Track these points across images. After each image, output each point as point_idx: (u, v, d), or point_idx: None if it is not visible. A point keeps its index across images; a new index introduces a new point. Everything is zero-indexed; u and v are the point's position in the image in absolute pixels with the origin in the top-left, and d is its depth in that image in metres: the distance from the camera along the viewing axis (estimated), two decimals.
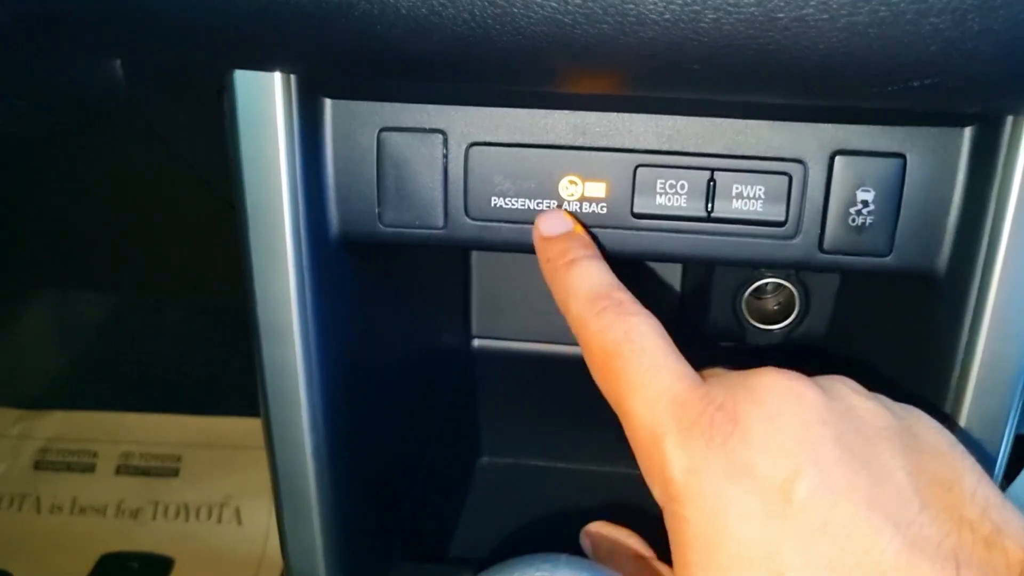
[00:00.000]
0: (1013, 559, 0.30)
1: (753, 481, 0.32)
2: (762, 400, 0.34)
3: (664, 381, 0.35)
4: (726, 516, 0.32)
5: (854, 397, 0.35)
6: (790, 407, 0.34)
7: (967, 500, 0.32)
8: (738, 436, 0.33)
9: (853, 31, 0.32)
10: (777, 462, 0.32)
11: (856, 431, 0.34)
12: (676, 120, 0.42)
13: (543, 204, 0.44)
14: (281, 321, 0.44)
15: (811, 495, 0.31)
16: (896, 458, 0.33)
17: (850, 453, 0.32)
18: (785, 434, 0.33)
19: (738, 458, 0.32)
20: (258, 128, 0.42)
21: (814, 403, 0.34)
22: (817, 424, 0.33)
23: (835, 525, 0.31)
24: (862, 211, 0.42)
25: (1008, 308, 0.40)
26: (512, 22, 0.34)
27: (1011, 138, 0.38)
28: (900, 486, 0.32)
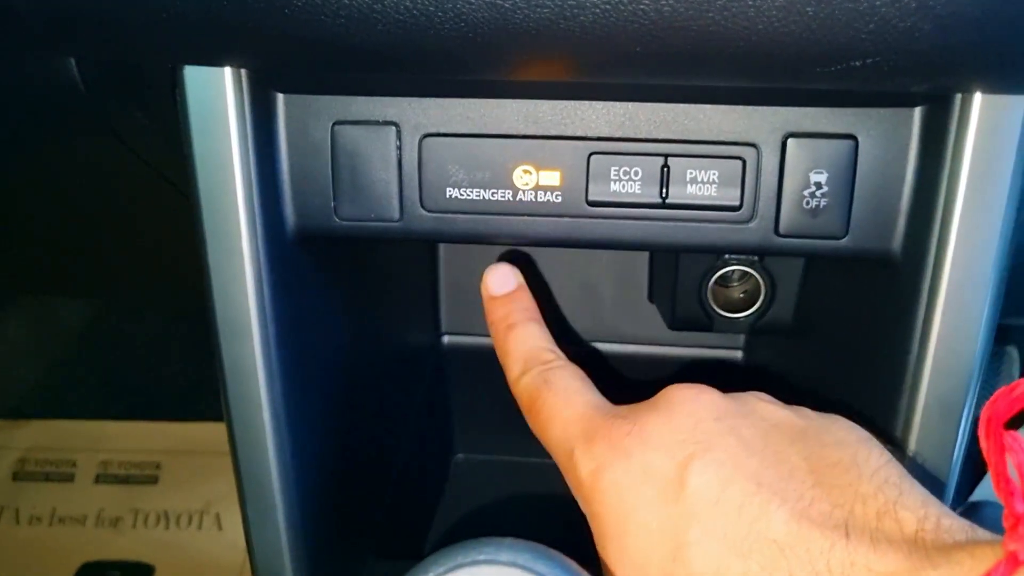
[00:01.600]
0: (907, 527, 0.31)
1: (649, 474, 0.35)
2: (660, 407, 0.38)
3: (575, 409, 0.40)
4: (629, 506, 0.35)
5: (758, 403, 0.38)
6: (686, 408, 0.37)
7: (865, 479, 0.34)
8: (635, 436, 0.36)
9: (791, 10, 0.32)
10: (670, 454, 0.35)
11: (752, 425, 0.36)
12: (628, 106, 0.42)
13: (498, 194, 0.44)
14: (239, 318, 0.44)
15: (701, 478, 0.34)
16: (793, 446, 0.35)
17: (742, 441, 0.35)
18: (678, 430, 0.36)
19: (635, 455, 0.36)
20: (210, 123, 0.42)
21: (710, 403, 0.37)
22: (710, 420, 0.36)
23: (726, 500, 0.33)
24: (816, 193, 0.42)
25: (962, 287, 0.40)
26: (454, 8, 0.34)
27: (960, 117, 0.38)
28: (793, 467, 0.34)
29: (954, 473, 0.43)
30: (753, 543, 0.32)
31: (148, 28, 0.39)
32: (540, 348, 0.44)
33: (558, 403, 0.40)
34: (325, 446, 0.52)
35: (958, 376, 0.42)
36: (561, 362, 0.43)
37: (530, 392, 0.42)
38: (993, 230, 0.39)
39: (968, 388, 0.42)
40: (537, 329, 0.46)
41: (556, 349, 0.44)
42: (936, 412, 0.42)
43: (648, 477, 0.35)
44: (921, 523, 0.31)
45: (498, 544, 0.32)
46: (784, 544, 0.32)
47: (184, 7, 0.36)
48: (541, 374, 0.42)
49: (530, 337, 0.45)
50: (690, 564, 0.33)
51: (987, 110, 0.38)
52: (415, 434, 0.69)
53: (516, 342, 0.45)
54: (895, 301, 0.43)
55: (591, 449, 0.37)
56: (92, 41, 0.42)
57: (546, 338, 0.45)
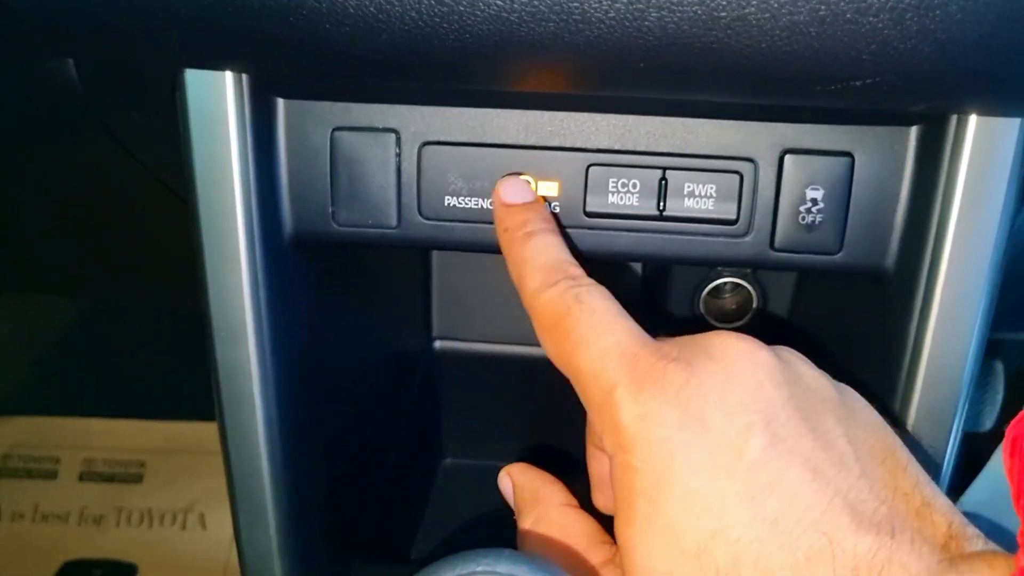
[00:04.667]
0: (940, 531, 0.31)
1: (706, 433, 0.32)
2: (718, 356, 0.34)
3: (615, 336, 0.35)
4: (676, 465, 0.32)
5: (802, 365, 0.36)
6: (746, 365, 0.34)
7: (900, 473, 0.33)
8: (692, 387, 0.33)
9: (794, 30, 0.33)
10: (731, 417, 0.32)
11: (804, 396, 0.34)
12: (628, 119, 0.43)
13: None
14: (234, 321, 0.44)
15: (762, 453, 0.32)
16: (839, 426, 0.34)
17: (800, 417, 0.33)
18: (740, 390, 0.33)
19: (692, 409, 0.32)
20: (210, 127, 0.42)
21: (769, 364, 0.34)
22: (771, 385, 0.33)
23: (782, 485, 0.31)
24: (812, 209, 0.42)
25: (954, 305, 0.41)
26: (459, 20, 0.34)
27: (956, 137, 0.39)
28: (842, 452, 0.33)
29: (943, 486, 0.44)
30: (803, 532, 0.30)
31: (150, 31, 0.39)
32: (566, 260, 0.39)
33: (594, 325, 0.35)
34: (316, 449, 0.52)
35: (948, 391, 0.42)
36: (591, 280, 0.38)
37: (556, 307, 0.36)
38: (986, 249, 0.40)
39: (958, 403, 0.42)
40: (560, 241, 0.40)
41: (581, 268, 0.39)
42: (925, 427, 0.43)
43: (704, 439, 0.32)
44: (950, 527, 0.31)
45: (496, 555, 0.32)
46: (834, 537, 0.30)
47: (188, 12, 0.36)
48: (571, 288, 0.37)
49: (552, 247, 0.40)
50: (734, 544, 0.31)
51: (982, 131, 0.38)
52: (405, 438, 0.69)
53: (536, 251, 0.39)
54: (887, 316, 0.44)
55: (639, 392, 0.33)
56: (92, 43, 0.42)
57: (569, 253, 0.40)
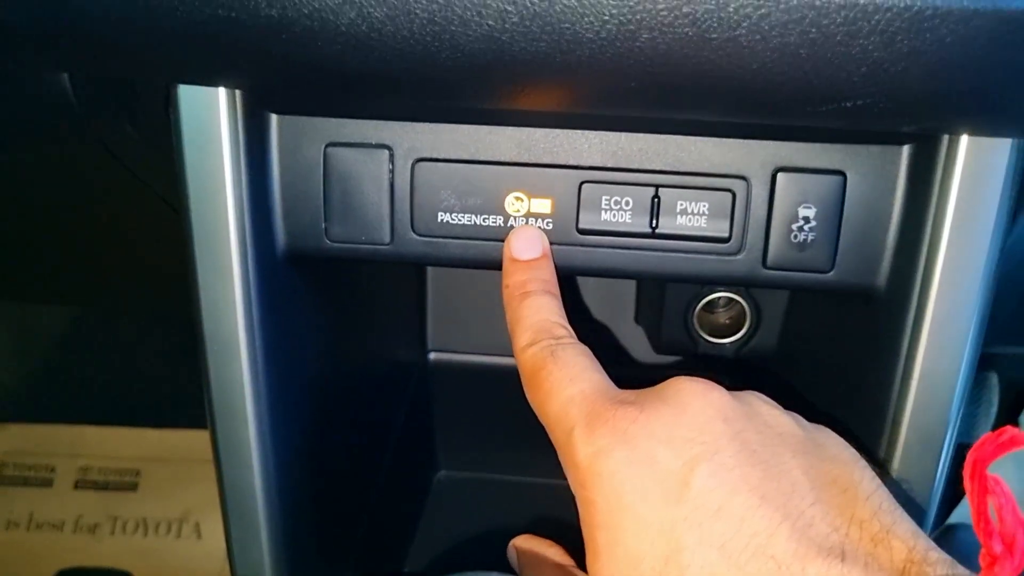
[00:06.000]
0: (898, 556, 0.32)
1: (653, 467, 0.34)
2: (670, 398, 0.36)
3: (579, 387, 0.38)
4: (627, 496, 0.34)
5: (762, 405, 0.38)
6: (695, 404, 0.36)
7: (861, 501, 0.34)
8: (640, 425, 0.35)
9: (785, 52, 0.33)
10: (677, 450, 0.34)
11: (757, 431, 0.36)
12: (621, 137, 0.43)
13: (489, 220, 0.44)
14: (227, 335, 0.44)
15: (707, 483, 0.33)
16: (795, 459, 0.35)
17: (748, 449, 0.35)
18: (687, 426, 0.35)
19: (640, 445, 0.35)
20: (203, 142, 0.42)
21: (719, 403, 0.36)
22: (718, 420, 0.35)
23: (729, 510, 0.33)
24: (804, 227, 0.42)
25: (945, 324, 0.41)
26: (451, 39, 0.34)
27: (947, 157, 0.39)
28: (795, 482, 0.34)
29: (934, 500, 0.44)
30: (751, 557, 0.32)
31: (144, 48, 0.39)
32: (552, 322, 0.42)
33: (562, 378, 0.39)
34: (309, 461, 0.52)
35: (939, 410, 0.42)
36: (571, 339, 0.42)
37: (535, 363, 0.40)
38: (977, 269, 0.40)
39: (949, 421, 0.42)
40: (552, 302, 0.43)
41: (568, 327, 0.43)
42: (917, 443, 0.43)
43: (651, 471, 0.34)
44: (910, 553, 0.32)
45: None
46: (782, 561, 0.31)
47: (181, 29, 0.37)
48: (549, 346, 0.40)
49: (544, 308, 0.43)
50: (684, 569, 0.32)
51: (973, 151, 0.38)
52: (398, 450, 0.70)
53: (529, 310, 0.43)
54: (879, 334, 0.44)
55: (592, 432, 0.36)
56: (86, 58, 0.42)
57: (560, 313, 0.43)
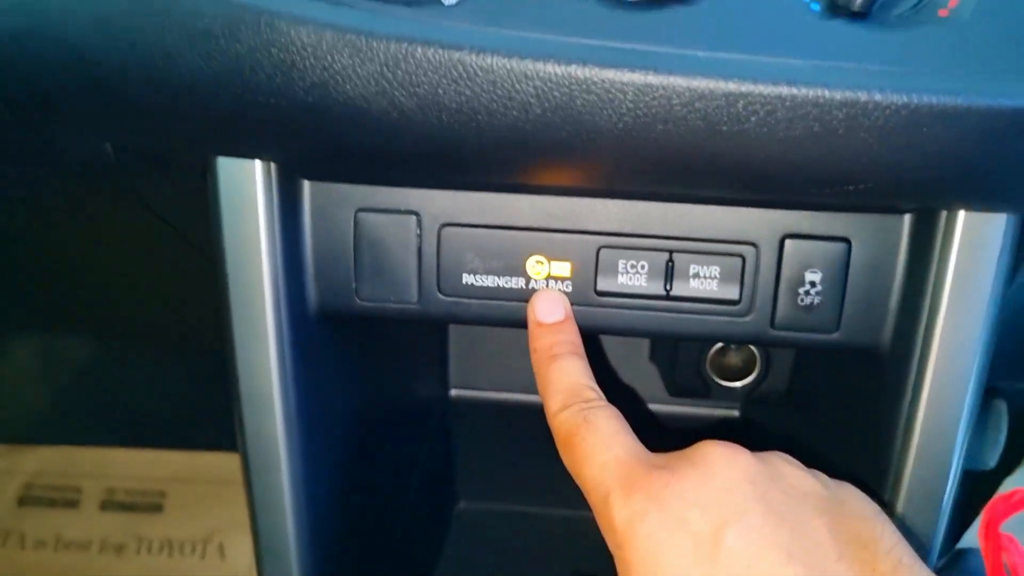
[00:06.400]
0: None
1: (685, 529, 0.36)
2: (699, 462, 0.39)
3: (613, 452, 0.40)
4: (662, 559, 0.36)
5: (786, 467, 0.40)
6: (723, 468, 0.38)
7: (881, 555, 0.37)
8: (673, 490, 0.37)
9: (790, 143, 0.35)
10: (707, 514, 0.36)
11: (782, 492, 0.38)
12: (637, 205, 0.45)
13: (512, 282, 0.46)
14: (262, 392, 0.47)
15: (736, 543, 0.36)
16: (819, 517, 0.37)
17: (774, 509, 0.37)
18: (716, 489, 0.37)
19: (672, 509, 0.37)
20: (239, 209, 0.45)
21: (746, 465, 0.38)
22: (745, 483, 0.38)
23: (758, 569, 0.35)
24: (810, 291, 0.44)
25: (945, 384, 0.43)
26: (477, 128, 0.37)
27: (945, 230, 0.41)
28: (820, 540, 0.37)
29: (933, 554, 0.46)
30: None
31: (185, 127, 0.42)
32: (582, 384, 0.44)
33: (597, 443, 0.40)
34: (337, 501, 0.54)
35: (939, 464, 0.44)
36: (602, 402, 0.43)
37: (568, 428, 0.42)
38: (976, 331, 0.42)
39: (948, 475, 0.44)
40: (580, 364, 0.45)
41: (597, 388, 0.44)
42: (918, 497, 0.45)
43: (684, 533, 0.36)
44: None
45: None
46: None
47: (223, 113, 0.39)
48: (581, 411, 0.42)
49: (573, 371, 0.44)
50: None
51: (970, 226, 0.40)
52: (420, 483, 0.72)
53: (558, 374, 0.44)
54: (882, 390, 0.46)
55: (629, 497, 0.38)
56: (128, 133, 0.45)
57: (588, 375, 0.45)
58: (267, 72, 0.37)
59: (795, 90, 0.34)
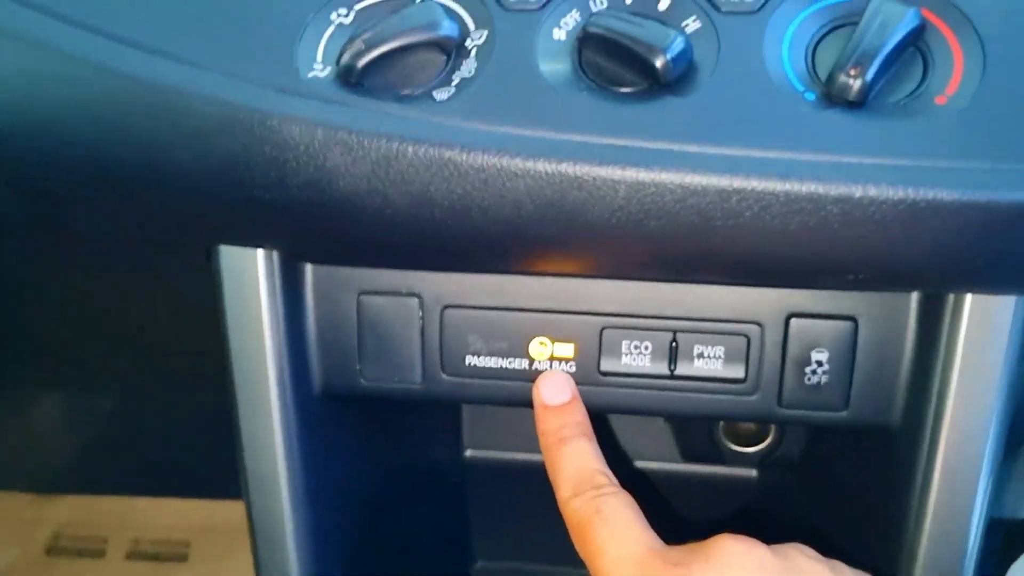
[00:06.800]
0: None
1: None
2: (714, 557, 0.38)
3: (628, 545, 0.39)
4: None
5: (804, 560, 0.39)
6: (737, 563, 0.38)
7: None
8: None
9: (786, 236, 0.34)
10: None
11: None
12: (639, 285, 0.44)
13: (515, 363, 0.46)
14: (269, 473, 0.47)
15: None
16: None
17: None
18: None
19: None
20: (243, 295, 0.45)
21: (760, 559, 0.38)
22: (758, 574, 0.37)
23: None
24: (817, 370, 0.44)
25: (958, 463, 0.42)
26: (471, 223, 0.37)
27: (953, 312, 0.40)
28: None
29: None
30: None
31: (187, 220, 0.42)
32: (592, 469, 0.43)
33: (611, 536, 0.39)
34: (349, 566, 0.54)
35: (953, 545, 0.43)
36: (613, 488, 0.42)
37: (580, 518, 0.41)
38: (987, 413, 0.41)
39: (963, 557, 0.43)
40: (589, 447, 0.44)
41: (608, 472, 0.43)
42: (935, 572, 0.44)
43: None
44: None
45: None
46: None
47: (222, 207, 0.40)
48: (593, 500, 0.41)
49: (582, 455, 0.43)
50: None
51: (978, 307, 0.39)
52: (436, 542, 0.71)
53: (567, 459, 0.43)
54: (893, 467, 0.45)
55: None
56: (132, 225, 0.45)
57: (598, 458, 0.44)
58: (261, 169, 0.37)
59: (789, 185, 0.33)
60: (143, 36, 0.39)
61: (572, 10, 0.38)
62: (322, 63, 0.39)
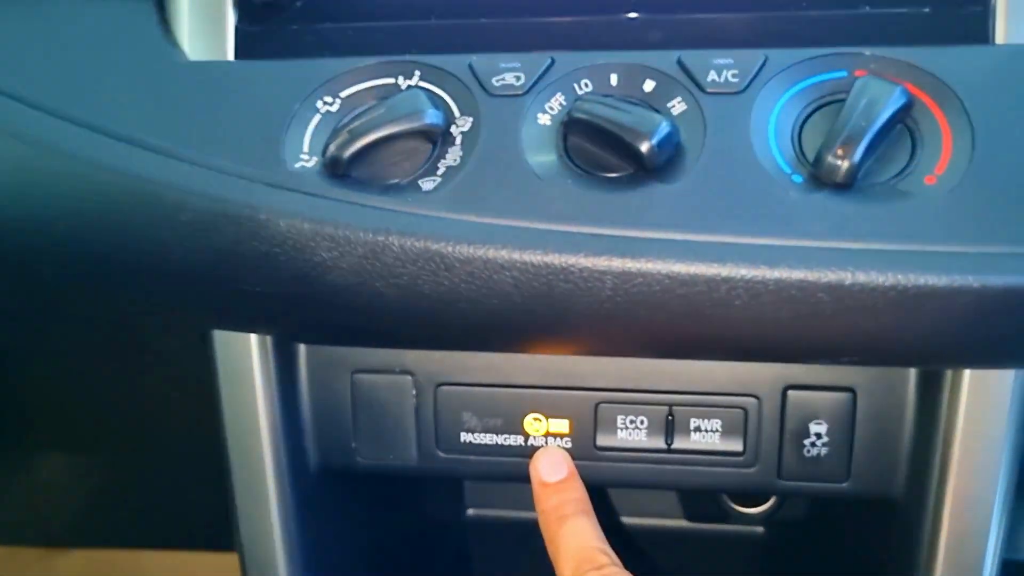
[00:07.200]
0: None
1: None
2: None
3: None
4: None
5: None
6: None
7: None
8: None
9: (778, 324, 0.34)
10: None
11: None
12: (634, 361, 0.44)
13: (510, 439, 0.46)
14: (267, 557, 0.46)
15: None
16: None
17: None
18: None
19: None
20: (237, 377, 0.45)
21: None
22: None
23: None
24: (816, 442, 0.43)
25: (963, 536, 0.41)
26: (460, 313, 0.36)
27: (952, 387, 0.39)
28: None
29: None
30: None
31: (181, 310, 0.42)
32: (593, 548, 0.42)
33: None
34: None
35: None
36: (615, 568, 0.41)
37: None
38: (991, 484, 0.40)
39: None
40: (589, 524, 0.43)
41: (609, 550, 0.42)
42: None
43: None
44: None
45: None
46: None
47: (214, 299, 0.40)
48: None
49: (582, 533, 0.42)
50: None
51: (977, 382, 0.39)
52: None
53: (567, 538, 0.42)
54: (898, 536, 0.44)
55: None
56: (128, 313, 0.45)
57: (598, 536, 0.43)
58: (251, 263, 0.37)
59: (778, 273, 0.33)
60: (129, 128, 0.39)
61: (557, 94, 0.38)
62: (308, 153, 0.39)
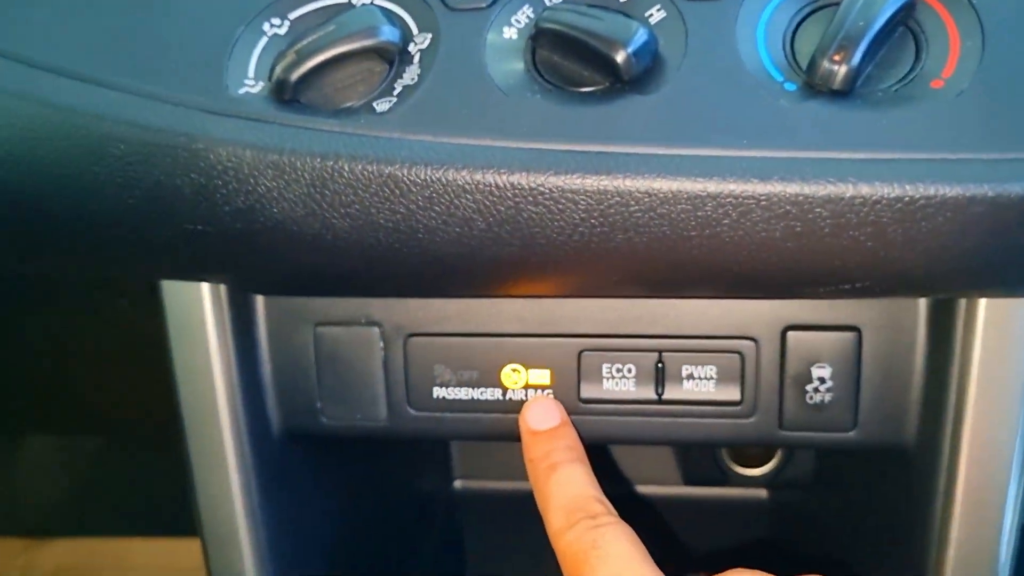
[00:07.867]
0: None
1: None
2: None
3: None
4: None
5: None
6: None
7: None
8: None
9: (770, 245, 0.31)
10: None
11: None
12: (619, 302, 0.40)
13: (487, 393, 0.42)
14: (227, 529, 0.43)
15: None
16: None
17: None
18: None
19: None
20: (189, 332, 0.41)
21: None
22: None
23: None
24: (819, 388, 0.40)
25: (981, 484, 0.38)
26: (419, 245, 0.33)
27: (966, 318, 0.36)
28: None
29: None
30: None
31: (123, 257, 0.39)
32: (587, 496, 0.38)
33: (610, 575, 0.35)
34: None
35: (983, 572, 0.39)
36: (611, 518, 0.37)
37: (574, 552, 0.36)
38: (1011, 425, 0.37)
39: None
40: (583, 471, 0.39)
41: (604, 499, 0.38)
42: None
43: None
44: None
45: None
46: None
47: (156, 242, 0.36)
48: (589, 532, 0.36)
49: (575, 481, 0.39)
50: None
51: (993, 311, 0.35)
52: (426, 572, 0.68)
53: (559, 486, 0.39)
54: (911, 488, 0.41)
55: None
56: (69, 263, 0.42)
57: (593, 484, 0.39)
58: (190, 199, 0.34)
59: (770, 187, 0.29)
60: (57, 58, 0.36)
61: (524, 6, 0.35)
62: (254, 79, 0.35)
